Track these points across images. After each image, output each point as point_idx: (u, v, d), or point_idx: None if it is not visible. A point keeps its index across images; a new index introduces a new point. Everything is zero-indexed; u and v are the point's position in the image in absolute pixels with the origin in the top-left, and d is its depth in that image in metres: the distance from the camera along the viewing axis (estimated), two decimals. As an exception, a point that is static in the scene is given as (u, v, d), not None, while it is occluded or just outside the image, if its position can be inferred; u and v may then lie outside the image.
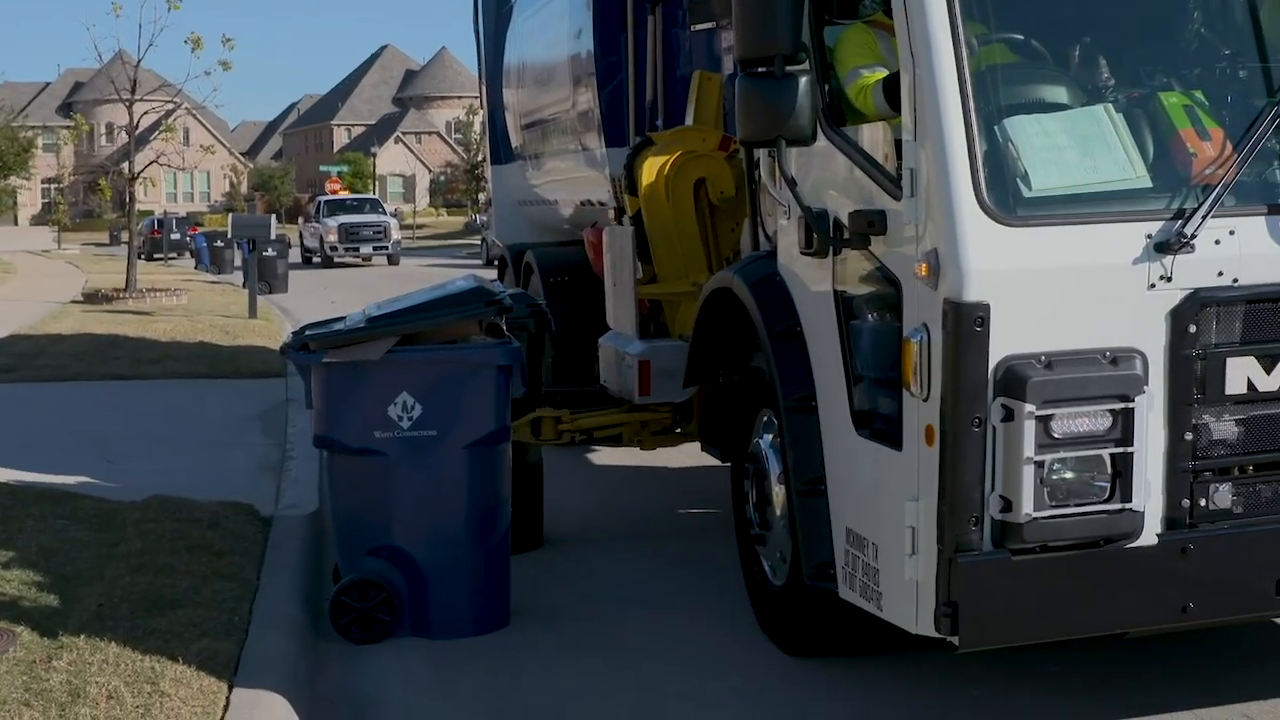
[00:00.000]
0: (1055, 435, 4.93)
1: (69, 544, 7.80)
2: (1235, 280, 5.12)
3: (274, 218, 33.84)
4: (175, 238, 55.94)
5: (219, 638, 6.29)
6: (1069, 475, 5.00)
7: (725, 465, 7.50)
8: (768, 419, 6.65)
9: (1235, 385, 5.15)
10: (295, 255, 43.34)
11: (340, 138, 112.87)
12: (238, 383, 15.08)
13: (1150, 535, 5.11)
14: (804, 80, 5.46)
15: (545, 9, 11.71)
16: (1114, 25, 5.65)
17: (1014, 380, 4.91)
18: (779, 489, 6.48)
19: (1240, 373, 5.14)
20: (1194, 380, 5.12)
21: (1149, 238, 5.05)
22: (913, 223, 5.18)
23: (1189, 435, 5.13)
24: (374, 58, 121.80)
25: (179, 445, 11.32)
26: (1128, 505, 5.01)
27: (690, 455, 9.00)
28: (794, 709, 6.08)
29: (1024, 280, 4.96)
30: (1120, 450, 4.98)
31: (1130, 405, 4.96)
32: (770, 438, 6.61)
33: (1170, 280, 5.06)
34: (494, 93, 14.01)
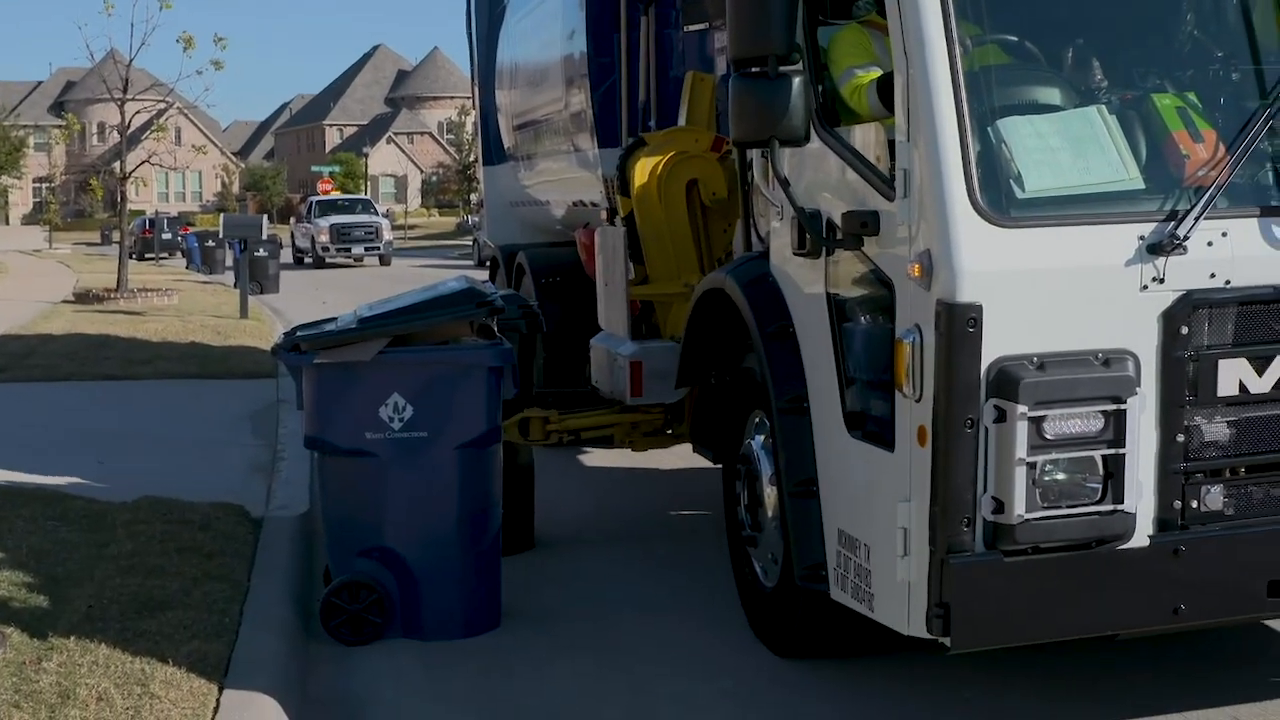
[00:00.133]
0: (1047, 436, 4.93)
1: (59, 545, 7.78)
2: (1228, 282, 5.12)
3: (265, 218, 33.79)
4: (167, 238, 55.89)
5: (209, 639, 6.28)
6: (1061, 476, 5.00)
7: (717, 466, 7.50)
8: (760, 420, 6.65)
9: (1227, 387, 5.15)
10: (287, 255, 43.27)
11: (332, 138, 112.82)
12: (229, 383, 15.06)
13: (1142, 537, 5.11)
14: (797, 81, 5.46)
15: (538, 10, 11.70)
16: (1107, 27, 5.65)
17: (1006, 381, 4.90)
18: (771, 490, 6.47)
19: (1232, 374, 5.15)
20: (1186, 382, 5.12)
21: (1142, 239, 5.05)
22: (906, 224, 5.18)
23: (1181, 437, 5.14)
24: (366, 58, 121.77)
25: (170, 446, 11.30)
26: (1119, 507, 5.01)
27: (682, 457, 8.99)
28: (785, 711, 6.07)
29: (1017, 281, 4.96)
30: (1112, 452, 4.98)
31: (1122, 407, 4.96)
32: (762, 439, 6.61)
33: (1163, 282, 5.06)
34: (486, 93, 14.01)
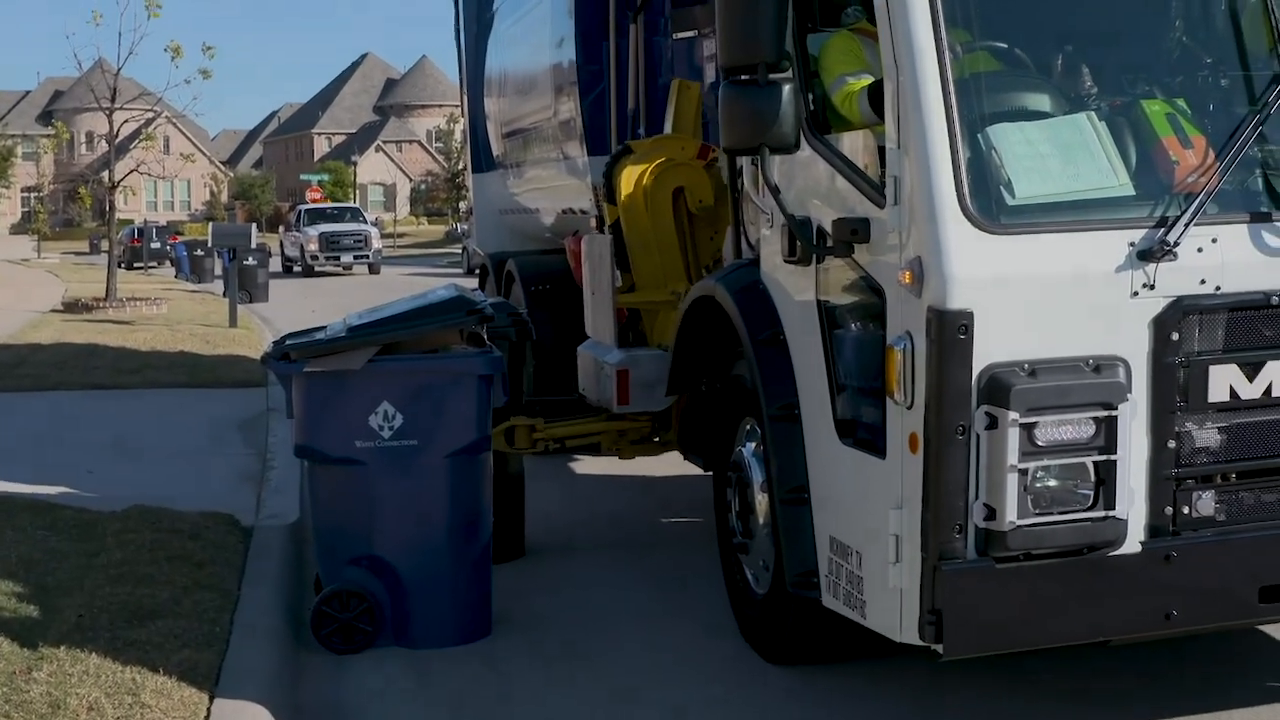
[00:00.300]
0: (1039, 443, 4.92)
1: (49, 554, 7.75)
2: (1218, 288, 5.13)
3: (254, 226, 33.78)
4: (155, 246, 55.88)
5: (200, 648, 6.26)
6: (1052, 483, 5.00)
7: (708, 474, 7.49)
8: (750, 427, 6.64)
9: (1218, 393, 5.15)
10: (276, 264, 43.31)
11: (321, 146, 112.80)
12: (218, 392, 15.03)
13: (1134, 543, 5.11)
14: (787, 88, 5.45)
15: (527, 17, 11.70)
16: (1097, 33, 5.66)
17: (998, 388, 4.90)
18: (762, 497, 6.46)
19: (1223, 380, 5.15)
20: (1177, 388, 5.12)
21: (1132, 245, 5.05)
22: (896, 230, 5.17)
23: (1172, 443, 5.13)
24: (354, 66, 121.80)
25: (159, 455, 11.27)
26: (1111, 513, 5.01)
27: (673, 464, 8.99)
28: (777, 718, 6.07)
29: (1008, 288, 4.95)
30: (1103, 458, 4.98)
31: (1113, 413, 4.96)
32: (753, 446, 6.60)
33: (1153, 288, 5.06)
34: (475, 101, 14.01)
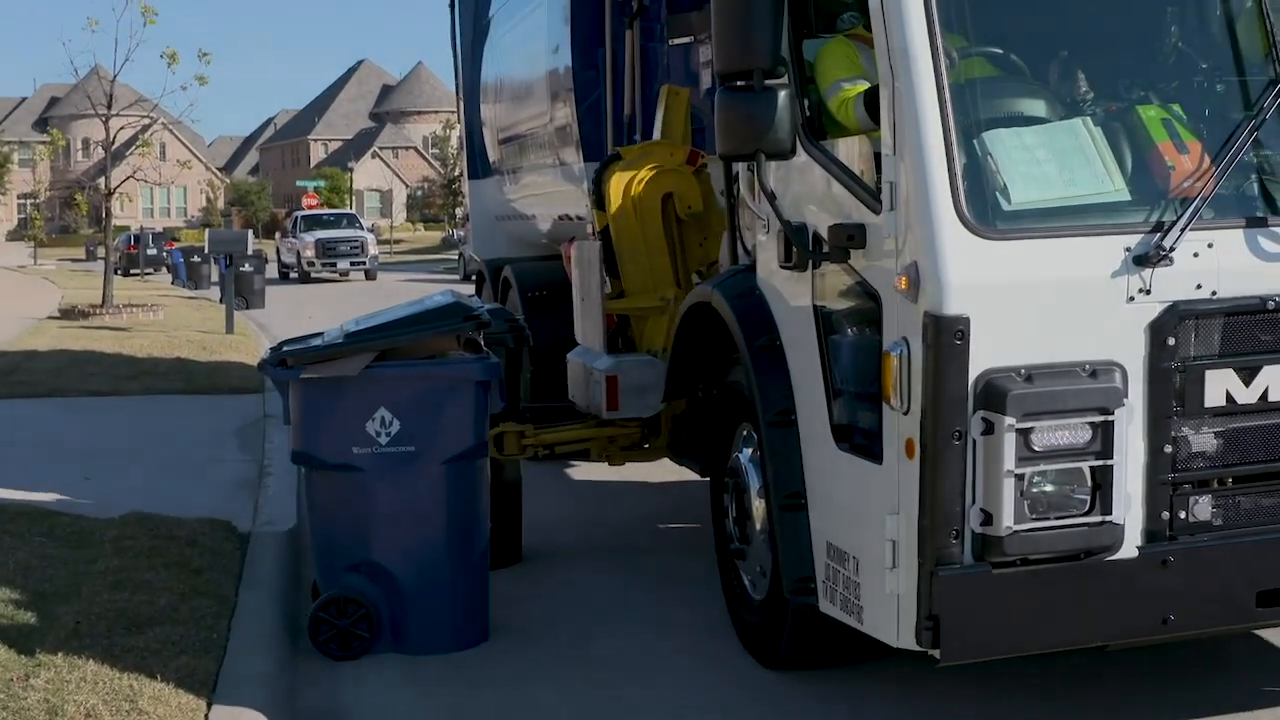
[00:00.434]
0: (1035, 448, 4.93)
1: (46, 561, 7.76)
2: (1214, 293, 5.13)
3: (251, 233, 33.74)
4: (152, 253, 55.82)
5: (197, 655, 6.26)
6: (1049, 488, 5.00)
7: (704, 480, 7.50)
8: (747, 433, 6.65)
9: (1214, 398, 5.16)
10: (272, 270, 43.23)
11: (317, 153, 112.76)
12: (215, 398, 15.03)
13: (1130, 548, 5.12)
14: (783, 94, 5.46)
15: (523, 24, 11.71)
16: (1092, 39, 5.66)
17: (994, 393, 4.91)
18: (759, 503, 6.47)
19: (1219, 385, 5.15)
20: (1173, 393, 5.12)
21: (1128, 251, 5.06)
22: (892, 236, 5.18)
23: (1168, 448, 5.14)
24: (350, 73, 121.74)
25: (156, 461, 11.27)
26: (1108, 518, 5.01)
27: (669, 470, 8.99)
28: (775, 723, 6.08)
29: (1004, 293, 4.96)
30: (1100, 463, 4.98)
31: (1110, 418, 4.96)
32: (750, 452, 6.60)
33: (1149, 293, 5.07)
34: (471, 108, 14.02)
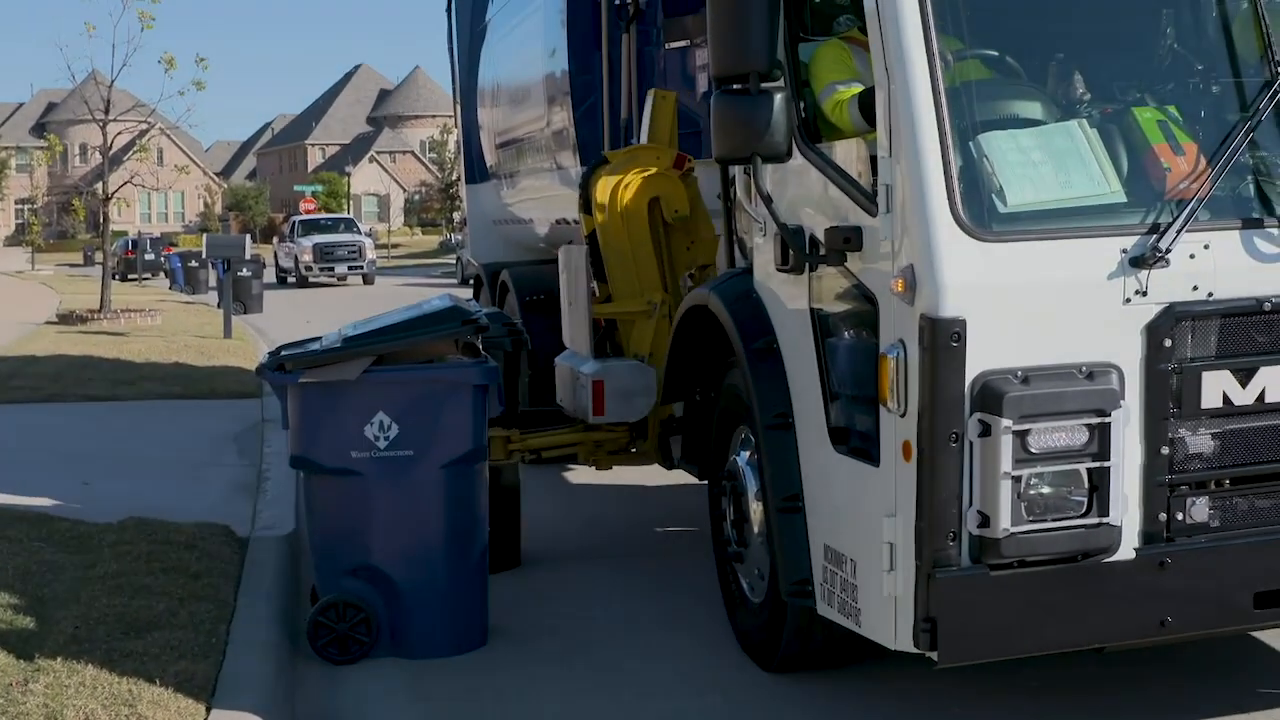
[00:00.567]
0: (1032, 450, 4.93)
1: (45, 566, 7.75)
2: (1210, 294, 5.14)
3: (248, 238, 33.75)
4: (150, 258, 55.94)
5: (196, 659, 6.26)
6: (1046, 490, 5.00)
7: (702, 483, 7.50)
8: (745, 436, 6.65)
9: (1211, 399, 5.16)
10: (270, 275, 43.24)
11: (314, 157, 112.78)
12: (213, 403, 15.03)
13: (1128, 549, 5.12)
14: (779, 97, 5.47)
15: (519, 28, 11.72)
16: (1088, 41, 5.67)
17: (991, 395, 4.91)
18: (756, 506, 6.47)
19: (1216, 386, 5.16)
20: (1170, 394, 5.13)
21: (1124, 252, 5.06)
22: (888, 239, 5.19)
23: (1165, 449, 5.14)
24: (348, 77, 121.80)
25: (155, 466, 11.28)
26: (1105, 520, 5.01)
27: (667, 473, 8.99)
28: (774, 726, 6.08)
29: (1000, 295, 4.97)
30: (1097, 465, 4.98)
31: (1106, 420, 4.97)
32: (747, 455, 6.61)
33: (1145, 295, 5.07)
34: (468, 112, 14.03)
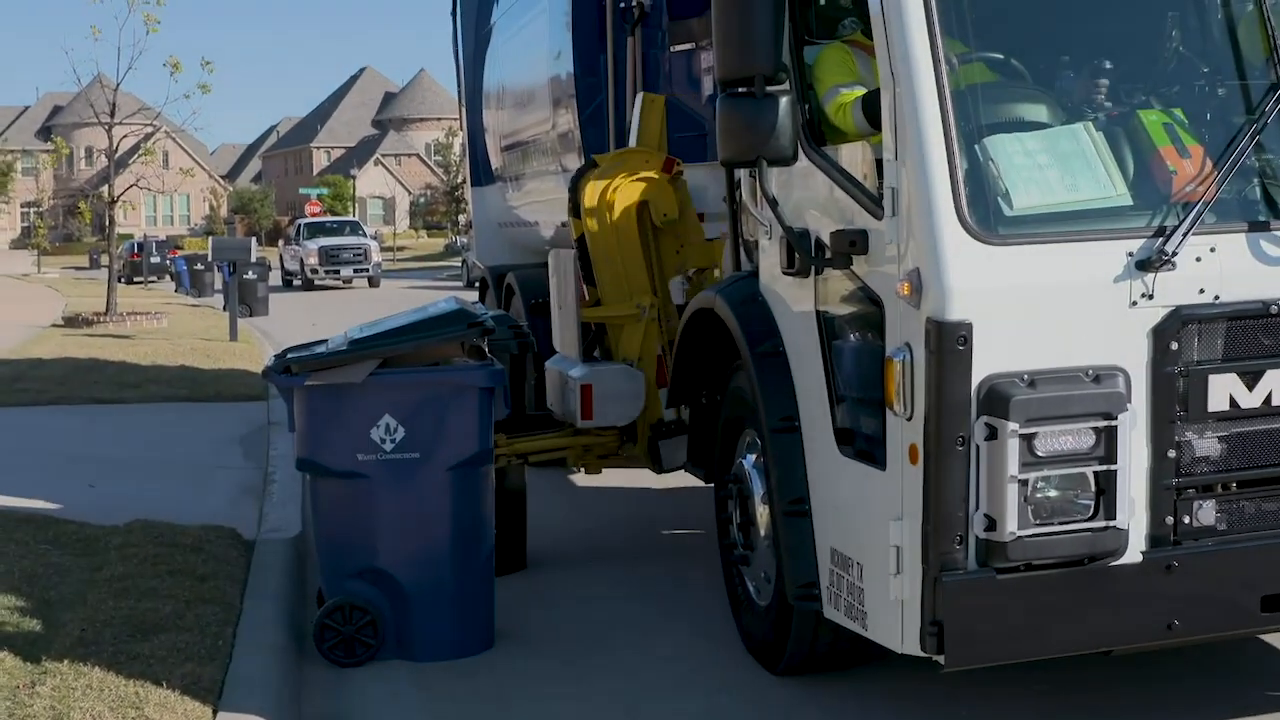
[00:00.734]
0: (1039, 453, 4.93)
1: (51, 569, 7.76)
2: (1217, 297, 5.14)
3: (254, 240, 33.86)
4: (155, 261, 56.03)
5: (203, 662, 6.26)
6: (1053, 493, 5.00)
7: (709, 486, 7.50)
8: (751, 439, 6.64)
9: (1218, 402, 5.15)
10: (276, 278, 43.31)
11: (320, 160, 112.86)
12: (219, 406, 15.04)
13: (1135, 553, 5.11)
14: (784, 100, 5.47)
15: (524, 31, 11.72)
16: (1094, 44, 5.65)
17: (997, 399, 4.91)
18: (763, 509, 6.46)
19: (1222, 390, 5.15)
20: (1176, 397, 5.12)
21: (1130, 255, 5.06)
22: (894, 242, 5.19)
23: (1172, 453, 5.14)
24: (353, 80, 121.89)
25: (161, 469, 11.29)
26: (1112, 523, 5.01)
27: (673, 476, 8.97)
28: (780, 729, 6.08)
29: (1006, 299, 4.97)
30: (1103, 468, 4.98)
31: (1113, 423, 4.96)
32: (754, 458, 6.60)
33: (1152, 298, 5.07)
34: (474, 115, 14.03)
